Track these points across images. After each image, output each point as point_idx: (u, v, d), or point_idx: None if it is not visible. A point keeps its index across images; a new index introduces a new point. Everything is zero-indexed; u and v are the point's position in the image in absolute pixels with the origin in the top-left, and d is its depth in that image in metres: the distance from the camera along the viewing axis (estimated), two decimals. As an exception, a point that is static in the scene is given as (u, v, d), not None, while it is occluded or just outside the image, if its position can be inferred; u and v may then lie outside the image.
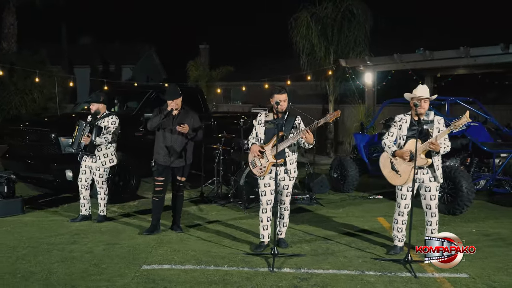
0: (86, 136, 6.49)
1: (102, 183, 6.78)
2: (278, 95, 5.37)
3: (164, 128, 6.07)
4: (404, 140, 5.30)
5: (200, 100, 10.15)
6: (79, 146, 6.53)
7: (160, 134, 6.12)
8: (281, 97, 5.34)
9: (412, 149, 5.12)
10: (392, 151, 5.29)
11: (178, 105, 6.08)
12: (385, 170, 5.42)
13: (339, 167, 9.49)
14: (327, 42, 15.49)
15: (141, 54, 34.18)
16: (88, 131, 6.51)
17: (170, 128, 6.06)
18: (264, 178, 5.47)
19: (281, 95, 5.36)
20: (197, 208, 7.80)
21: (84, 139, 6.49)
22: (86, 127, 6.52)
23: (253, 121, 8.58)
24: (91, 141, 6.53)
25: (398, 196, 5.41)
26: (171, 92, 6.07)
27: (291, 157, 5.47)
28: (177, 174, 6.22)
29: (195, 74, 17.65)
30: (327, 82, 15.86)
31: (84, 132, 6.50)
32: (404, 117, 5.37)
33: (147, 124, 6.09)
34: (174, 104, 6.00)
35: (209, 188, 9.11)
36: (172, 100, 6.00)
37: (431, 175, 5.31)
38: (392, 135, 5.42)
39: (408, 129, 5.30)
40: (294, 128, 5.45)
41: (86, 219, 6.84)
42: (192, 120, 6.15)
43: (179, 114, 6.12)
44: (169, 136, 6.06)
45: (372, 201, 8.54)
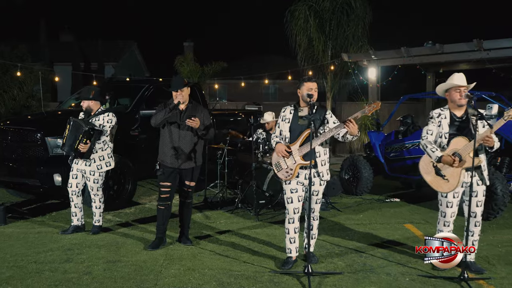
0: (84, 143, 5.63)
1: (97, 190, 5.94)
2: (309, 83, 4.65)
3: (170, 124, 5.28)
4: (446, 139, 4.59)
5: (199, 96, 9.33)
6: (75, 151, 5.67)
7: (166, 132, 5.33)
8: (312, 86, 4.62)
9: (458, 148, 4.43)
10: (437, 156, 4.51)
11: (185, 98, 5.29)
12: (428, 177, 4.68)
13: (351, 167, 8.78)
14: (325, 37, 14.81)
15: (123, 52, 33.17)
16: (87, 136, 5.64)
17: (178, 123, 5.27)
18: (290, 182, 4.72)
19: (312, 83, 4.64)
20: (203, 215, 6.99)
21: (82, 146, 5.63)
22: (85, 132, 5.64)
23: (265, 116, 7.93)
24: (90, 148, 5.69)
25: (443, 204, 4.68)
26: (176, 82, 5.28)
27: (323, 157, 4.72)
28: (185, 178, 5.43)
29: (186, 70, 16.73)
30: (325, 79, 15.17)
31: (82, 138, 5.63)
32: (442, 112, 4.65)
33: (151, 120, 5.28)
34: (180, 96, 5.21)
35: (211, 192, 8.32)
36: (177, 90, 5.21)
37: (479, 178, 4.61)
38: (431, 133, 4.69)
39: (450, 126, 4.59)
40: (324, 123, 4.70)
41: (79, 230, 5.99)
42: (202, 115, 5.37)
43: (187, 108, 5.34)
44: (177, 133, 5.28)
45: (391, 205, 7.84)
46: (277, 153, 4.72)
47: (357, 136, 4.57)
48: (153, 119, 5.22)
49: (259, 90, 29.22)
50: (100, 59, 31.66)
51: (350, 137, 4.60)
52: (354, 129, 4.44)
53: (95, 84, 12.42)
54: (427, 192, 8.86)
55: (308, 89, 4.60)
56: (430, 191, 9.13)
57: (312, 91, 4.58)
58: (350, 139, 4.62)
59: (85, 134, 5.62)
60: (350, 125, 4.40)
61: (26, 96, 15.35)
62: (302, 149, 4.61)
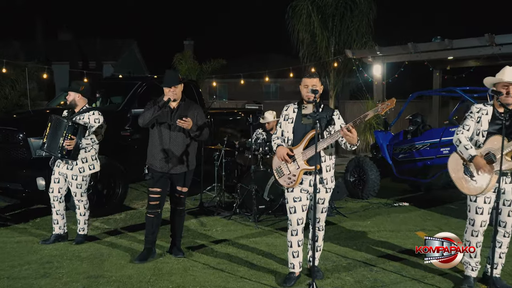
0: (69, 139, 5.12)
1: (81, 195, 5.43)
2: (307, 79, 4.18)
3: (160, 124, 4.77)
4: (484, 137, 4.05)
5: (195, 94, 8.82)
6: (61, 151, 5.16)
7: (155, 132, 4.83)
8: (309, 82, 4.14)
9: (494, 147, 3.91)
10: (470, 155, 3.98)
11: (178, 95, 4.79)
12: (455, 174, 4.15)
13: (357, 169, 8.26)
14: (328, 33, 14.29)
15: (123, 50, 32.74)
16: (71, 131, 5.14)
17: (168, 124, 4.77)
18: (293, 190, 4.21)
19: (311, 80, 4.16)
20: (198, 222, 6.49)
21: (67, 142, 5.12)
22: (68, 127, 5.14)
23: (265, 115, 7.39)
24: (76, 145, 5.18)
25: (472, 210, 4.14)
26: (169, 78, 4.77)
27: (328, 162, 4.21)
28: (176, 183, 4.92)
29: (184, 67, 16.21)
30: (328, 76, 14.66)
31: (66, 134, 5.12)
32: (484, 108, 4.11)
33: (139, 119, 4.78)
34: (172, 93, 4.70)
35: (207, 196, 7.82)
36: (170, 87, 4.70)
37: None
38: (468, 129, 4.14)
39: (490, 123, 4.05)
40: (331, 124, 4.20)
41: (61, 239, 5.48)
42: (196, 114, 4.86)
43: (179, 106, 4.84)
44: (167, 134, 4.77)
45: (400, 210, 7.32)
46: (278, 158, 4.21)
47: (356, 145, 4.08)
48: (141, 118, 4.72)
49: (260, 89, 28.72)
50: (98, 57, 31.27)
51: (349, 146, 4.11)
52: (352, 138, 3.94)
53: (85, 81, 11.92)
54: (437, 195, 8.37)
55: (306, 86, 4.12)
56: (440, 194, 8.73)
57: (316, 88, 4.08)
58: (350, 148, 4.13)
59: (69, 129, 5.12)
60: (348, 133, 3.91)
61: (19, 95, 14.86)
62: (307, 153, 4.11)
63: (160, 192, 4.87)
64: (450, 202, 7.73)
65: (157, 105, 4.63)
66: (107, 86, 8.52)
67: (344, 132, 3.93)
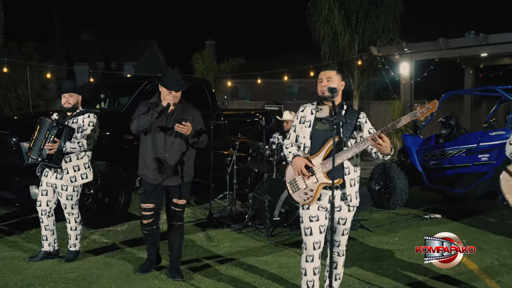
0: (51, 142, 4.55)
1: (71, 207, 4.85)
2: (322, 71, 3.55)
3: (154, 130, 4.20)
4: None
5: (207, 94, 8.20)
6: (40, 154, 4.60)
7: (148, 139, 4.24)
8: (324, 76, 3.49)
9: None
10: None
11: (177, 99, 4.22)
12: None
13: (383, 177, 7.51)
14: (352, 29, 13.54)
15: (144, 51, 32.55)
16: (55, 133, 4.57)
17: (163, 129, 4.17)
18: (310, 207, 3.53)
19: (326, 71, 3.50)
20: (205, 235, 5.85)
21: (48, 145, 4.55)
22: (52, 127, 4.58)
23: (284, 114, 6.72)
24: (59, 149, 4.60)
25: None
26: (173, 80, 4.20)
27: (353, 175, 3.52)
28: (172, 195, 4.33)
29: (201, 67, 15.67)
30: (351, 75, 13.90)
31: (48, 135, 4.56)
32: None
33: (131, 125, 4.20)
34: (173, 97, 4.13)
35: (219, 205, 7.19)
36: (175, 90, 4.14)
37: None
38: None
39: None
40: (356, 129, 3.50)
41: (50, 256, 4.92)
42: (194, 118, 4.26)
43: (176, 109, 4.25)
44: (162, 141, 4.19)
45: (432, 223, 6.55)
46: (294, 170, 3.53)
47: (391, 155, 3.39)
48: (135, 124, 4.13)
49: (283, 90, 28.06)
50: (120, 58, 31.11)
51: (381, 156, 3.43)
52: (384, 147, 3.26)
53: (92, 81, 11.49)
54: (472, 205, 7.55)
55: (320, 80, 3.47)
56: (476, 204, 7.91)
57: (333, 83, 3.41)
58: (381, 159, 3.45)
59: (53, 130, 4.55)
60: (380, 142, 3.23)
61: (33, 96, 14.52)
62: (327, 164, 3.42)
63: (153, 208, 4.33)
64: (486, 214, 6.92)
65: (155, 110, 4.04)
66: (112, 86, 7.96)
67: (375, 140, 3.24)
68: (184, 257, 4.96)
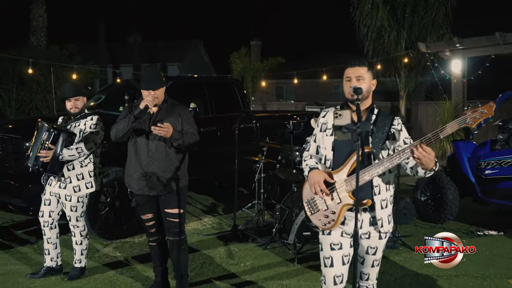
0: (46, 149, 4.15)
1: (76, 220, 4.44)
2: (349, 68, 2.88)
3: (136, 135, 3.78)
4: None
5: (238, 94, 7.69)
6: (36, 162, 4.20)
7: (131, 146, 3.84)
8: (351, 71, 2.83)
9: None
10: None
11: (159, 99, 3.77)
12: None
13: (430, 186, 6.70)
14: (398, 25, 12.66)
15: (189, 51, 32.58)
16: (50, 139, 4.16)
17: (145, 133, 3.76)
18: (331, 233, 2.90)
19: (354, 68, 2.84)
20: (226, 251, 5.31)
21: (42, 153, 4.15)
22: (48, 132, 4.18)
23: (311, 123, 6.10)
24: (55, 156, 4.18)
25: None
26: (149, 79, 3.77)
27: (384, 195, 2.87)
28: (163, 205, 3.87)
29: (239, 66, 15.20)
30: (398, 74, 13.01)
31: (43, 142, 4.17)
32: None
33: (110, 132, 3.78)
34: (152, 97, 3.66)
35: (247, 214, 6.64)
36: (149, 90, 3.67)
37: None
38: None
39: None
40: (390, 139, 2.85)
41: (53, 272, 4.53)
42: (181, 117, 3.83)
43: (160, 110, 3.82)
44: (145, 147, 3.77)
45: (486, 241, 5.72)
46: (311, 186, 2.91)
47: (434, 171, 2.71)
48: (113, 130, 3.72)
49: (328, 90, 27.20)
50: (164, 59, 31.25)
51: (421, 173, 2.76)
52: (428, 161, 2.59)
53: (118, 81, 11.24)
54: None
55: (348, 79, 2.83)
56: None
57: (361, 83, 2.78)
58: (421, 175, 2.77)
59: (49, 136, 4.14)
60: (422, 154, 2.56)
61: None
62: (352, 181, 2.79)
63: (153, 218, 3.93)
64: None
65: (133, 114, 3.57)
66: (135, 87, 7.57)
67: (416, 151, 2.59)
68: (198, 277, 4.49)
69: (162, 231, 3.99)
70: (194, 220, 6.63)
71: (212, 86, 7.46)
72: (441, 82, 11.51)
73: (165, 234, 3.94)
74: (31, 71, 12.79)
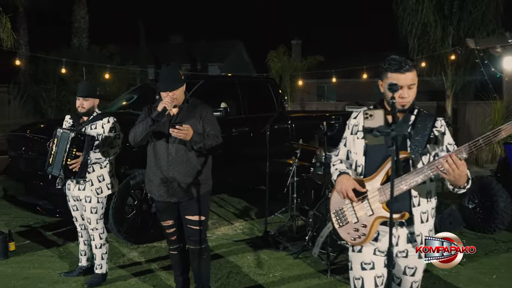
0: (73, 157, 3.99)
1: (96, 222, 4.27)
2: (397, 73, 2.44)
3: (155, 138, 3.54)
4: None
5: (272, 94, 7.38)
6: (64, 170, 4.04)
7: (150, 150, 3.60)
8: (402, 79, 2.42)
9: None
10: None
11: (178, 99, 3.49)
12: None
13: (479, 193, 6.17)
14: (445, 20, 12.00)
15: (229, 52, 32.56)
16: (76, 146, 4.00)
17: (164, 136, 3.52)
18: (362, 249, 2.56)
19: (406, 75, 2.43)
20: (255, 259, 5.02)
21: (72, 162, 4.00)
22: (71, 139, 4.01)
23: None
24: (84, 162, 4.04)
25: None
26: (166, 78, 3.50)
27: (424, 207, 2.50)
28: (184, 212, 3.61)
29: (277, 66, 14.87)
30: (444, 72, 12.34)
31: (68, 149, 4.00)
32: None
33: (129, 136, 3.53)
34: (170, 98, 3.37)
35: (280, 219, 6.33)
36: (166, 91, 3.41)
37: None
38: None
39: None
40: (431, 142, 2.47)
41: (88, 272, 4.44)
42: (203, 118, 3.55)
43: (181, 111, 3.56)
44: (164, 151, 3.52)
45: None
46: (339, 193, 2.58)
47: (465, 188, 2.38)
48: (132, 135, 3.48)
49: (371, 89, 26.45)
50: (204, 59, 31.36)
51: (451, 188, 2.41)
52: (456, 177, 2.26)
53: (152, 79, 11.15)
54: None
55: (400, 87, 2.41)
56: None
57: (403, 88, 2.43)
58: (455, 190, 2.41)
59: (74, 143, 3.98)
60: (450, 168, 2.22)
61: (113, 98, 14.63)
62: (387, 190, 2.43)
63: (173, 225, 3.69)
64: None
65: (150, 117, 3.32)
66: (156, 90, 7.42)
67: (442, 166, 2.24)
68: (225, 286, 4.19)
69: (184, 239, 3.75)
70: (224, 225, 6.38)
71: (245, 85, 7.20)
72: (491, 80, 10.77)
73: (187, 243, 3.70)
74: (65, 71, 12.92)
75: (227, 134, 6.14)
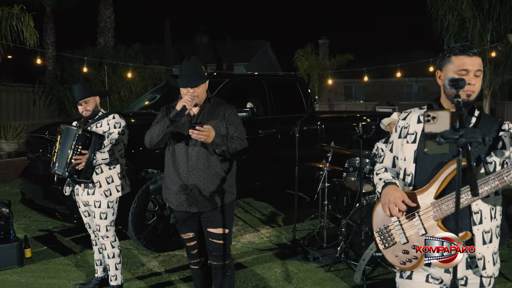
0: (78, 154, 3.72)
1: (106, 229, 3.97)
2: (464, 56, 2.07)
3: (174, 139, 3.17)
4: None
5: (301, 94, 6.98)
6: (68, 169, 3.77)
7: (168, 154, 3.23)
8: (469, 62, 2.03)
9: None
10: None
11: (199, 98, 3.11)
12: None
13: (527, 201, 5.66)
14: (483, 16, 11.37)
15: (255, 51, 32.28)
16: (82, 143, 3.72)
17: (184, 139, 3.15)
18: (412, 275, 2.16)
19: (473, 59, 2.04)
20: (283, 271, 4.64)
21: (76, 158, 3.72)
22: (78, 136, 3.74)
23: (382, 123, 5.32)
24: (89, 161, 3.74)
25: None
26: (187, 74, 3.11)
27: (488, 225, 2.09)
28: (206, 224, 3.25)
29: (305, 65, 14.44)
30: (482, 70, 11.71)
31: (75, 147, 3.73)
32: None
33: (145, 137, 3.18)
34: (191, 96, 3.03)
35: (310, 226, 5.94)
36: (187, 87, 3.06)
37: None
38: None
39: None
40: (498, 148, 2.06)
41: (104, 283, 4.17)
42: (226, 119, 3.18)
43: (202, 110, 3.19)
44: (184, 155, 3.15)
45: None
46: (384, 207, 2.19)
47: None
48: (147, 137, 3.12)
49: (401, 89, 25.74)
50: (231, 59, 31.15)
51: None
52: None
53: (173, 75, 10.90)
54: None
55: (464, 71, 2.04)
56: None
57: (469, 73, 2.03)
58: None
59: (79, 140, 3.70)
60: None
61: (135, 98, 14.49)
62: (443, 205, 2.04)
63: (194, 238, 3.34)
64: None
65: (168, 117, 2.97)
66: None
67: None
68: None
69: (206, 252, 3.41)
70: (250, 232, 6.02)
71: (273, 84, 6.81)
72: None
73: (208, 257, 3.36)
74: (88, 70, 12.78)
75: (253, 136, 5.79)
